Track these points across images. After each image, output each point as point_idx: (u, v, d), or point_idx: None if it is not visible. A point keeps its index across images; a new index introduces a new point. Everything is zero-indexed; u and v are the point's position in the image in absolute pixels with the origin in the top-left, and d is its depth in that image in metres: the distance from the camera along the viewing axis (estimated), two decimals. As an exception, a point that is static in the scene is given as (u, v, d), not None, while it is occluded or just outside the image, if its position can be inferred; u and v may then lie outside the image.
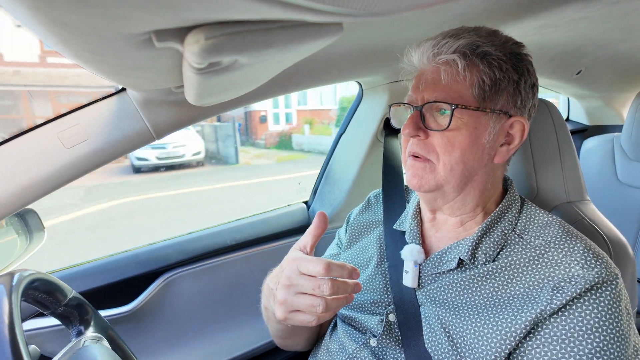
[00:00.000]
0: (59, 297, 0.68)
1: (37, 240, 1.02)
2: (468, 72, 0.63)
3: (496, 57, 0.63)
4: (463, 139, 0.64)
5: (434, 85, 0.65)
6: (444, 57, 0.63)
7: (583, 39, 1.22)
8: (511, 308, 0.60)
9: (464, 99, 0.63)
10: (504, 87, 0.64)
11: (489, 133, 0.65)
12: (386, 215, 0.85)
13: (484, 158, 0.66)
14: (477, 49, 0.63)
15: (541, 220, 0.68)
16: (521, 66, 0.65)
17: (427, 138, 0.66)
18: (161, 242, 1.20)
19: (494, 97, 0.64)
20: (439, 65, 0.65)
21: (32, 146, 0.75)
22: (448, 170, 0.65)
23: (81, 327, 0.72)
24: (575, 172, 0.88)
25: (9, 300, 0.51)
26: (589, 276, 0.57)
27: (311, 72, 0.99)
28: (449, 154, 0.64)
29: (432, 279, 0.70)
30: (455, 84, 0.64)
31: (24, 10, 0.28)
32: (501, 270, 0.64)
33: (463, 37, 0.63)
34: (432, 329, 0.66)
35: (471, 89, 0.63)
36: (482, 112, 0.64)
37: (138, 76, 0.53)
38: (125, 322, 1.10)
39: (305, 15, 0.29)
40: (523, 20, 0.94)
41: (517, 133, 0.67)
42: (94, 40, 0.34)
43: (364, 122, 1.34)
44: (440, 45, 0.63)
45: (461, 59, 0.62)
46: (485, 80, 0.63)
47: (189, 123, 0.87)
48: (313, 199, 1.51)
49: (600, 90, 1.98)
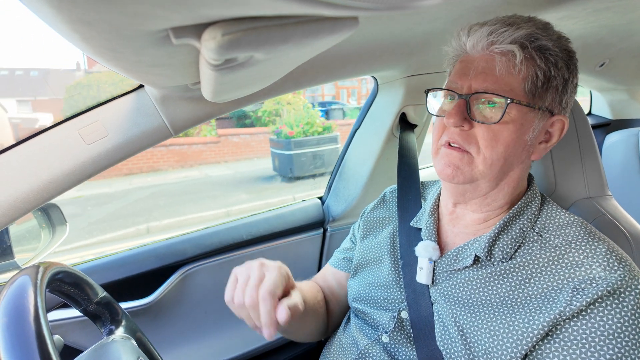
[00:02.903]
0: (89, 292, 0.71)
1: (59, 234, 1.05)
2: (524, 66, 0.60)
3: (554, 52, 0.60)
4: (509, 135, 0.61)
5: (484, 75, 0.62)
6: (501, 46, 0.60)
7: (606, 30, 1.18)
8: (528, 308, 0.58)
9: (515, 93, 0.61)
10: (554, 85, 0.62)
11: (533, 130, 0.63)
12: (401, 212, 0.84)
13: (522, 155, 0.65)
14: (535, 42, 0.60)
15: (562, 219, 0.66)
16: (572, 64, 0.63)
17: (470, 129, 0.63)
18: (179, 237, 1.22)
19: (544, 94, 0.62)
20: (493, 55, 0.61)
21: (54, 143, 0.77)
22: (488, 165, 0.63)
23: (112, 327, 0.74)
24: (596, 167, 0.86)
25: (35, 291, 0.53)
26: (611, 279, 0.55)
27: (326, 67, 0.99)
28: (492, 148, 0.62)
29: (446, 276, 0.69)
30: (508, 76, 0.60)
31: (47, 10, 0.29)
32: (519, 269, 0.62)
33: (522, 27, 0.60)
34: (445, 327, 0.65)
35: (524, 83, 0.60)
36: (531, 109, 0.61)
37: (156, 73, 0.54)
38: (144, 315, 1.12)
39: (321, 10, 0.29)
40: (543, 11, 0.92)
41: (556, 132, 0.65)
42: (113, 38, 0.35)
43: (379, 117, 1.33)
44: (498, 33, 0.60)
45: (520, 51, 0.59)
46: (539, 75, 0.60)
47: (205, 119, 0.88)
48: (328, 195, 1.51)
49: (624, 82, 1.91)
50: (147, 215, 6.10)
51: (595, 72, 1.68)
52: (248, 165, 9.57)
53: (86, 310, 0.72)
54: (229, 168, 9.34)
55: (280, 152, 8.04)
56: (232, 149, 10.01)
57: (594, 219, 0.81)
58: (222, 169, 9.32)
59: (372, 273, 0.81)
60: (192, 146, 9.64)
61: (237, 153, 10.07)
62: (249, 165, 9.51)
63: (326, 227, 1.44)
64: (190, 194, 7.44)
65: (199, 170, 9.24)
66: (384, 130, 1.31)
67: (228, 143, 9.96)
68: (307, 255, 1.42)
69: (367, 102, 1.39)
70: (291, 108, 10.09)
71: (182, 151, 9.52)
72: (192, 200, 7.01)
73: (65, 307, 1.01)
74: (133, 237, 5.39)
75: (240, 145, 10.15)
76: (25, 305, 0.50)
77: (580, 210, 0.83)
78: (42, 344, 0.47)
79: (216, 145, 9.82)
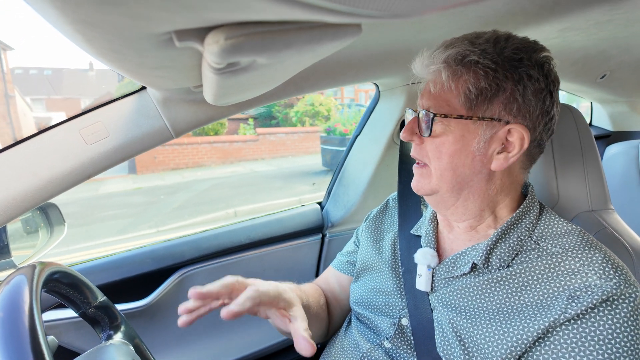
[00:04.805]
0: (88, 295, 0.70)
1: (57, 234, 1.05)
2: (453, 82, 0.63)
3: (483, 65, 0.61)
4: (450, 146, 0.65)
5: (428, 94, 0.68)
6: (433, 67, 0.65)
7: (608, 43, 1.18)
8: (524, 315, 0.59)
9: (452, 107, 0.64)
10: (493, 95, 0.62)
11: (478, 141, 0.64)
12: (401, 219, 0.85)
13: (475, 165, 0.66)
14: (464, 59, 0.62)
15: (560, 228, 0.67)
16: (519, 72, 0.62)
17: (422, 143, 0.69)
18: (177, 239, 1.21)
19: (483, 105, 0.63)
20: (430, 75, 0.67)
21: (55, 142, 0.77)
22: (439, 175, 0.67)
23: (111, 332, 0.74)
24: (599, 179, 0.86)
25: (30, 290, 0.52)
26: (606, 287, 0.55)
27: (328, 73, 0.99)
28: (438, 159, 0.67)
29: (445, 283, 0.70)
30: (444, 93, 0.65)
31: (51, 10, 0.29)
32: (515, 277, 0.63)
33: (454, 47, 0.63)
34: (445, 333, 0.65)
35: (458, 98, 0.64)
36: (470, 120, 0.64)
37: (158, 75, 0.54)
38: (140, 317, 1.12)
39: (325, 16, 0.29)
40: (545, 22, 0.92)
41: (517, 141, 0.64)
42: (117, 40, 0.35)
43: (380, 124, 1.33)
44: (433, 56, 0.65)
45: (445, 70, 0.63)
46: (471, 89, 0.62)
47: (207, 122, 0.89)
48: (327, 200, 1.50)
49: (625, 94, 1.92)
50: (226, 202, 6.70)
51: (596, 84, 1.68)
52: (286, 162, 10.32)
53: (85, 314, 0.71)
54: (270, 164, 10.09)
55: (333, 148, 8.65)
56: (269, 147, 10.95)
57: (596, 232, 0.81)
58: (263, 165, 10.09)
59: (374, 279, 0.81)
60: (233, 144, 10.55)
61: (274, 151, 11.01)
62: (287, 162, 10.26)
63: (325, 232, 1.44)
64: (251, 185, 8.14)
65: (242, 166, 10.00)
66: (385, 137, 1.31)
67: (265, 141, 10.92)
68: (305, 261, 1.42)
69: (368, 108, 1.39)
70: (324, 109, 11.21)
71: (224, 148, 10.36)
72: (258, 190, 7.61)
73: (61, 307, 1.01)
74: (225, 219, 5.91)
75: (277, 144, 11.10)
76: (20, 305, 0.50)
77: (583, 223, 0.83)
78: (35, 344, 0.47)
79: (255, 143, 10.75)
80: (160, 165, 9.59)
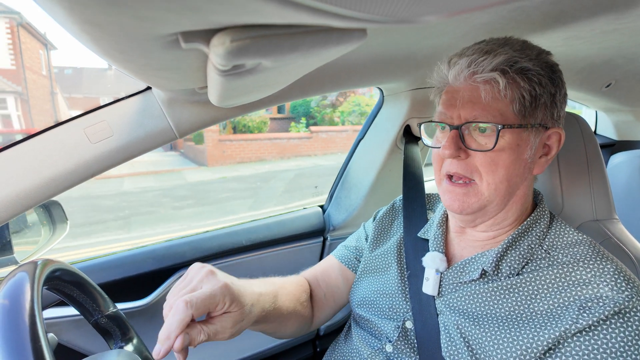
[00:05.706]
0: (99, 300, 0.70)
1: (60, 231, 1.05)
2: (509, 90, 0.61)
3: (535, 72, 0.61)
4: (507, 157, 0.62)
5: (472, 104, 0.63)
6: (483, 75, 0.61)
7: (613, 52, 1.18)
8: (533, 324, 0.59)
9: (505, 117, 0.62)
10: (542, 102, 0.63)
11: (530, 148, 0.64)
12: (406, 223, 0.84)
13: (525, 172, 0.65)
14: (515, 65, 0.61)
15: (570, 238, 0.66)
16: (556, 77, 0.64)
17: (467, 158, 0.64)
18: (178, 239, 1.22)
19: (534, 111, 0.63)
20: (477, 84, 0.62)
21: (60, 140, 0.77)
22: (492, 189, 0.64)
23: (122, 344, 0.74)
24: (604, 189, 0.85)
25: (31, 287, 0.52)
26: (618, 299, 0.55)
27: (332, 77, 1.00)
28: (493, 173, 0.63)
29: (453, 288, 0.70)
30: (495, 102, 0.62)
31: (58, 10, 0.29)
32: (525, 285, 0.62)
33: (499, 53, 0.61)
34: (452, 338, 0.65)
35: (512, 106, 0.61)
36: (524, 129, 0.62)
37: (164, 76, 0.54)
38: (140, 316, 1.11)
39: (331, 21, 0.29)
40: (551, 31, 0.92)
41: (554, 144, 0.66)
42: (123, 40, 0.35)
43: (383, 128, 1.33)
44: (477, 64, 0.62)
45: (502, 77, 0.60)
46: (525, 96, 0.61)
47: (211, 123, 0.89)
48: (329, 204, 1.50)
49: (630, 104, 1.91)
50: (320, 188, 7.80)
51: (601, 93, 1.68)
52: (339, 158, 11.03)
53: (97, 323, 0.71)
54: (326, 159, 11.09)
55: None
56: (321, 144, 12.25)
57: (600, 242, 0.80)
58: (320, 160, 11.12)
59: (378, 280, 0.81)
60: (290, 140, 11.92)
61: (325, 147, 12.28)
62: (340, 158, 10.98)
63: (326, 236, 1.44)
64: (328, 176, 8.54)
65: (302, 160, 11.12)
66: (388, 142, 1.31)
67: (318, 139, 12.18)
68: (306, 263, 1.41)
69: (372, 112, 1.39)
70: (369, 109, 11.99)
71: (282, 144, 11.55)
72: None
73: (61, 305, 1.01)
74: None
75: (328, 141, 12.34)
76: (21, 302, 0.50)
77: (587, 232, 0.82)
78: (35, 341, 0.47)
79: (308, 140, 12.03)
80: (229, 158, 10.86)
